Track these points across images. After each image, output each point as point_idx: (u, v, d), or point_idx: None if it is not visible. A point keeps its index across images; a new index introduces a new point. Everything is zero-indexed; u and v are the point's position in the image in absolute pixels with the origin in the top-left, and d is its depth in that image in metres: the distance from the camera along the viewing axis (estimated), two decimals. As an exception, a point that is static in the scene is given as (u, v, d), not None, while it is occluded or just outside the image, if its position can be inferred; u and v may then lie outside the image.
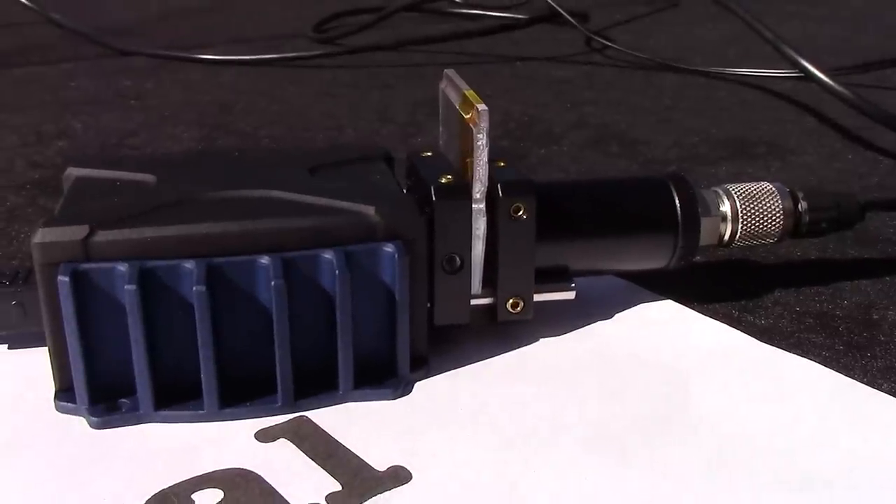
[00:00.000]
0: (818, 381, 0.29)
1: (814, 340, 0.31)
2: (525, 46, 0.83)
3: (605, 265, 0.32)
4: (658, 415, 0.27)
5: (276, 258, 0.26)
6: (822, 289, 0.35)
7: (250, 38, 0.87)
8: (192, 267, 0.26)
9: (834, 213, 0.33)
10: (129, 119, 0.59)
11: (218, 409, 0.27)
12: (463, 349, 0.31)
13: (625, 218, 0.31)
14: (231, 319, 0.27)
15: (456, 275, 0.29)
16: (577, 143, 0.54)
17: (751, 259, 0.38)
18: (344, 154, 0.32)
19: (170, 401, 0.27)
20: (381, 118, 0.60)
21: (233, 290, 0.26)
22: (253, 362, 0.27)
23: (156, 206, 0.27)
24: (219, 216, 0.27)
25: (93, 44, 0.82)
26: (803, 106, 0.63)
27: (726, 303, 0.34)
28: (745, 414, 0.27)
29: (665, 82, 0.70)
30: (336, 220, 0.27)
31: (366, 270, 0.27)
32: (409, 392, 0.28)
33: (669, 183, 0.32)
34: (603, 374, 0.29)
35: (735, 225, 0.33)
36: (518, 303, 0.30)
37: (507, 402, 0.28)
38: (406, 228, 0.28)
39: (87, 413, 0.27)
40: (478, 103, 0.29)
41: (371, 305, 0.28)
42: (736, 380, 0.29)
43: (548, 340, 0.31)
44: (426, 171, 0.30)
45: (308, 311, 0.27)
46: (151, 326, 0.26)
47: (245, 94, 0.66)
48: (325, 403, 0.28)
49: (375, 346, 0.28)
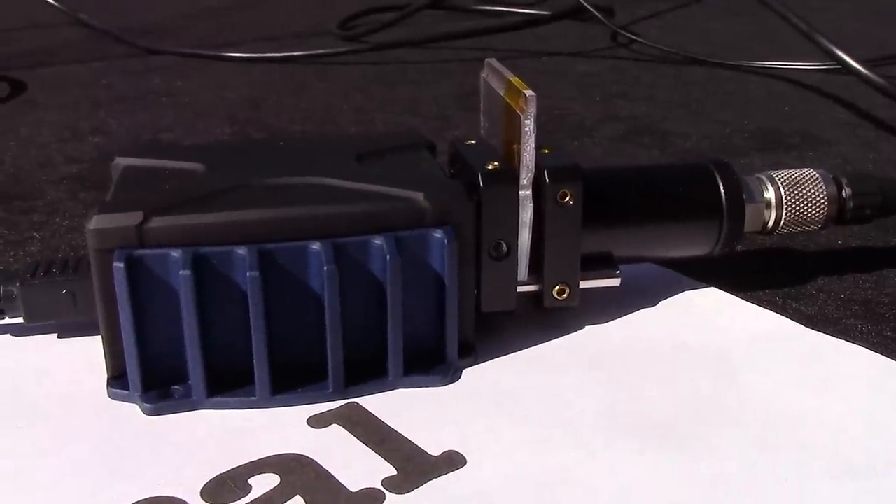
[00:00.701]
0: (868, 367, 0.29)
1: (861, 327, 0.31)
2: (550, 42, 0.83)
3: (650, 252, 0.32)
4: (707, 403, 0.27)
5: (327, 244, 0.26)
6: (867, 276, 0.35)
7: (276, 36, 0.87)
8: (244, 253, 0.26)
9: (879, 198, 0.33)
10: (162, 115, 0.60)
11: (270, 395, 0.27)
12: (509, 336, 0.31)
13: (670, 204, 0.31)
14: (283, 305, 0.27)
15: (503, 261, 0.29)
16: (608, 135, 0.54)
17: (791, 247, 0.38)
18: (388, 142, 0.33)
19: (222, 387, 0.27)
20: (410, 112, 0.60)
21: (284, 275, 0.26)
22: (304, 348, 0.27)
23: (207, 193, 0.28)
24: (270, 202, 0.27)
25: (120, 43, 0.83)
26: (834, 97, 0.62)
27: (769, 290, 0.34)
28: (795, 401, 0.27)
29: (693, 76, 0.70)
30: (385, 206, 0.27)
31: (415, 256, 0.27)
32: (458, 378, 0.28)
33: (713, 169, 0.32)
34: (650, 362, 0.29)
35: (779, 211, 0.33)
36: (564, 289, 0.30)
37: (556, 389, 0.28)
38: (455, 214, 0.28)
39: (140, 400, 0.27)
40: (525, 90, 0.29)
41: (420, 291, 0.28)
42: (784, 367, 0.29)
43: (593, 328, 0.31)
44: (472, 158, 0.30)
45: (358, 297, 0.27)
46: (204, 313, 0.26)
47: (274, 90, 0.66)
48: (376, 390, 0.28)
49: (424, 333, 0.28)
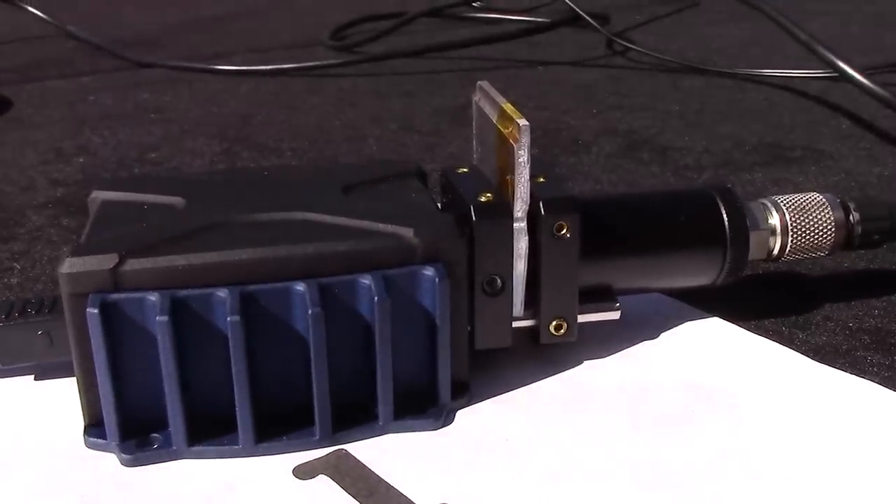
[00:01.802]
0: (879, 404, 0.27)
1: (871, 359, 0.30)
2: (546, 50, 0.82)
3: (651, 283, 0.31)
4: (712, 446, 0.26)
5: (312, 284, 0.25)
6: (875, 302, 0.34)
7: (268, 48, 0.86)
8: (225, 296, 0.25)
9: (888, 223, 0.32)
10: (149, 133, 0.59)
11: (254, 443, 0.26)
12: (504, 374, 0.29)
13: (671, 234, 0.30)
14: (266, 349, 0.25)
15: (497, 297, 0.28)
16: (606, 150, 0.53)
17: (797, 272, 0.37)
18: (377, 171, 0.31)
19: (204, 435, 0.26)
20: (403, 127, 0.59)
21: (268, 318, 0.25)
22: (289, 394, 0.26)
23: (186, 232, 0.26)
24: (252, 241, 0.26)
25: (110, 56, 0.81)
26: (835, 107, 0.61)
27: (775, 319, 0.33)
28: (805, 440, 0.26)
29: (691, 84, 0.69)
30: (373, 243, 0.26)
31: (405, 295, 0.26)
32: (452, 421, 0.27)
33: (716, 195, 0.31)
34: (651, 400, 0.28)
35: (785, 238, 0.31)
36: (561, 325, 0.29)
37: (554, 431, 0.27)
38: (446, 250, 0.26)
39: (118, 449, 0.26)
40: (518, 118, 0.28)
41: (411, 331, 0.27)
42: (793, 404, 0.28)
43: (592, 363, 0.30)
44: (464, 189, 0.29)
45: (346, 339, 0.26)
46: (184, 358, 0.25)
47: (265, 105, 0.65)
48: (365, 436, 0.26)
49: (415, 374, 0.27)
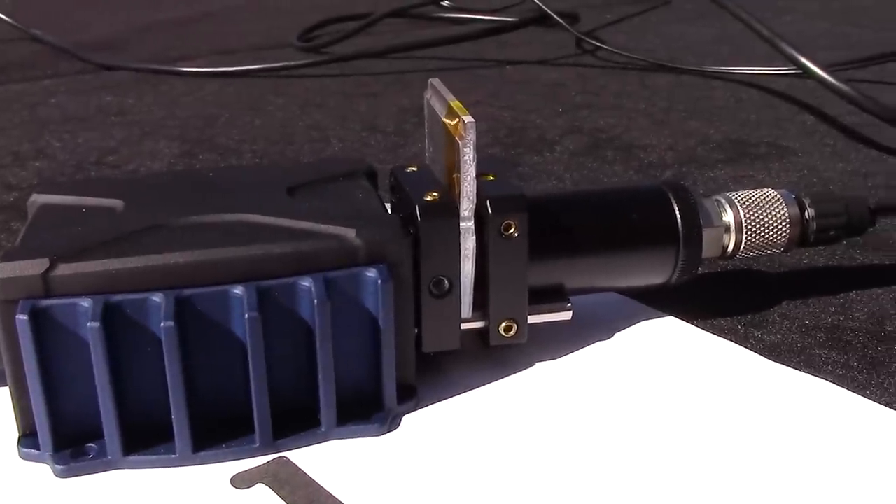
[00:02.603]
0: (833, 403, 0.27)
1: (826, 357, 0.30)
2: (515, 50, 0.82)
3: (603, 283, 0.30)
4: (664, 446, 0.25)
5: (250, 288, 0.24)
6: (832, 299, 0.33)
7: (235, 49, 0.85)
8: (160, 300, 0.24)
9: (843, 219, 0.32)
10: (110, 136, 0.58)
11: (191, 452, 0.25)
12: (453, 376, 0.29)
13: (623, 232, 0.30)
14: (203, 355, 0.25)
15: (444, 298, 0.28)
16: (571, 149, 0.53)
17: (755, 269, 0.36)
18: (325, 171, 0.31)
19: (140, 445, 0.25)
20: (368, 128, 0.58)
21: (204, 323, 0.25)
22: (228, 400, 0.25)
23: (122, 235, 0.26)
24: (189, 244, 0.25)
25: (74, 59, 0.80)
26: (801, 103, 0.61)
27: (731, 317, 0.32)
28: (759, 440, 0.25)
29: (659, 83, 0.68)
30: (314, 245, 0.25)
31: (347, 297, 0.25)
32: (397, 426, 0.27)
33: (668, 192, 0.30)
34: (603, 401, 0.28)
35: (739, 235, 0.31)
36: (511, 326, 0.29)
37: (503, 434, 0.26)
38: (390, 251, 0.26)
39: (52, 460, 0.25)
40: (463, 115, 0.27)
41: (354, 334, 0.26)
42: (747, 404, 0.27)
43: (543, 365, 0.29)
44: (411, 188, 0.28)
45: (286, 343, 0.25)
46: (118, 365, 0.24)
47: (229, 107, 0.64)
48: (307, 442, 0.26)
49: (360, 378, 0.26)
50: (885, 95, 0.60)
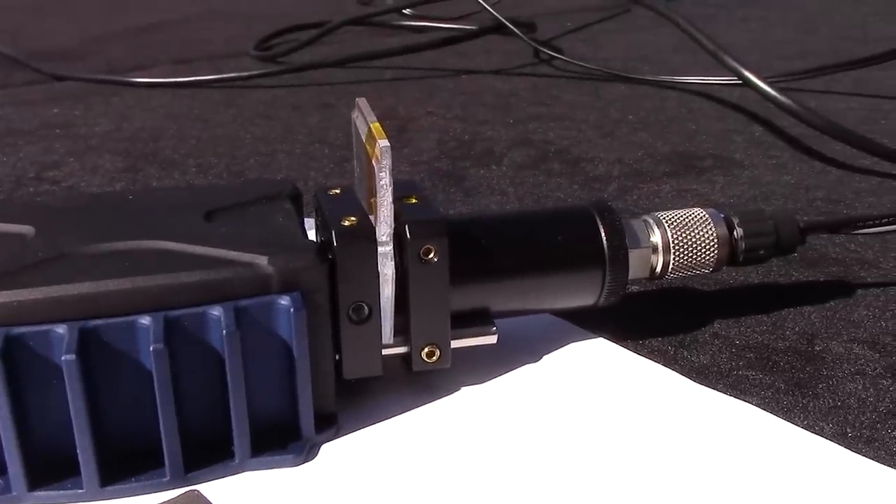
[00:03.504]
0: (756, 427, 0.27)
1: (753, 378, 0.29)
2: (472, 59, 0.81)
3: (529, 305, 0.30)
4: (589, 470, 0.25)
5: (157, 318, 0.24)
6: (764, 318, 0.33)
7: (191, 59, 0.85)
8: (63, 332, 0.23)
9: (773, 238, 0.32)
10: (52, 150, 0.57)
11: (99, 486, 0.24)
12: (376, 403, 0.28)
13: (547, 254, 0.29)
14: (110, 387, 0.24)
15: (364, 324, 0.27)
16: (518, 162, 0.52)
17: (689, 286, 0.36)
18: (247, 194, 0.30)
19: (46, 479, 0.24)
20: (317, 141, 0.58)
21: (110, 355, 0.24)
22: (137, 433, 0.25)
23: (28, 265, 0.25)
24: (96, 273, 0.25)
25: (25, 69, 0.79)
26: (751, 114, 0.61)
27: (662, 338, 0.32)
28: (679, 465, 0.25)
29: (613, 93, 0.68)
30: (225, 273, 0.25)
31: (259, 326, 0.25)
32: (315, 455, 0.26)
33: (594, 213, 0.30)
34: (529, 426, 0.27)
35: (667, 256, 0.31)
36: (434, 351, 0.28)
37: (425, 462, 0.26)
38: (303, 278, 0.25)
39: (-47, 496, 0.24)
40: (380, 139, 0.27)
41: (268, 363, 0.25)
42: (671, 428, 0.27)
43: (469, 389, 0.29)
44: (330, 212, 0.28)
45: (197, 374, 0.25)
46: (21, 399, 0.24)
47: (178, 119, 0.64)
48: (220, 474, 0.25)
49: (275, 407, 0.26)
50: (831, 106, 0.61)
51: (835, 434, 0.26)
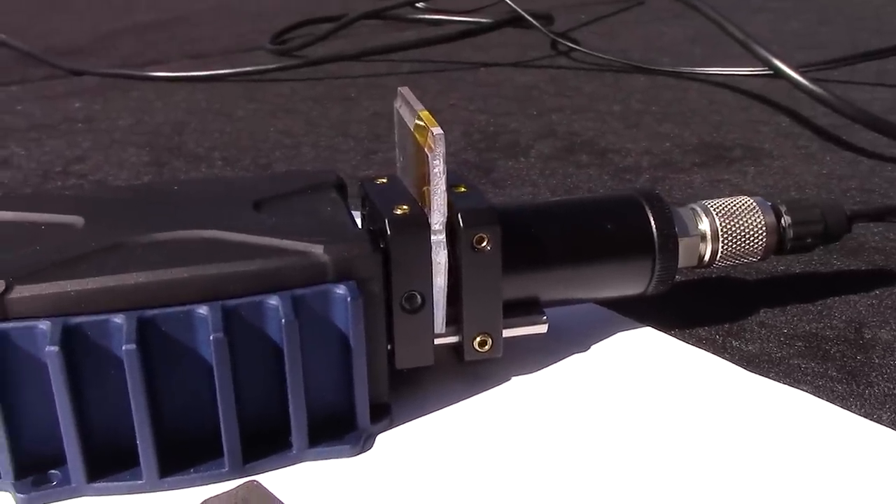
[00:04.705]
0: (813, 416, 0.27)
1: (805, 367, 0.29)
2: (489, 52, 0.81)
3: (578, 294, 0.30)
4: (644, 459, 0.25)
5: (215, 308, 0.24)
6: (810, 307, 0.33)
7: (206, 54, 0.84)
8: (121, 321, 0.23)
9: (820, 227, 0.31)
10: (76, 144, 0.57)
11: (158, 477, 0.24)
12: (428, 393, 0.28)
13: (597, 243, 0.29)
14: (168, 377, 0.24)
15: (417, 313, 0.27)
16: (545, 153, 0.52)
17: (731, 276, 0.36)
18: (292, 184, 0.30)
19: (105, 470, 0.24)
20: (340, 133, 0.57)
21: (169, 344, 0.24)
22: (196, 423, 0.25)
23: (82, 254, 0.25)
24: (151, 263, 0.24)
25: (42, 65, 0.79)
26: (775, 105, 0.61)
27: (709, 327, 0.32)
28: (737, 453, 0.25)
29: (633, 84, 0.68)
30: (281, 262, 0.25)
31: (316, 315, 0.25)
32: (371, 446, 0.26)
33: (643, 202, 0.30)
34: (581, 417, 0.27)
35: (715, 244, 0.31)
36: (486, 340, 0.28)
37: (480, 452, 0.26)
38: (359, 267, 0.25)
39: (13, 488, 0.24)
40: (432, 126, 0.26)
41: (324, 353, 0.25)
42: (726, 417, 0.27)
43: (519, 380, 0.29)
44: (381, 201, 0.28)
45: (255, 364, 0.25)
46: (79, 389, 0.23)
47: (199, 113, 0.63)
48: (278, 465, 0.25)
49: (331, 398, 0.26)
50: (855, 96, 0.60)
51: (893, 422, 0.26)
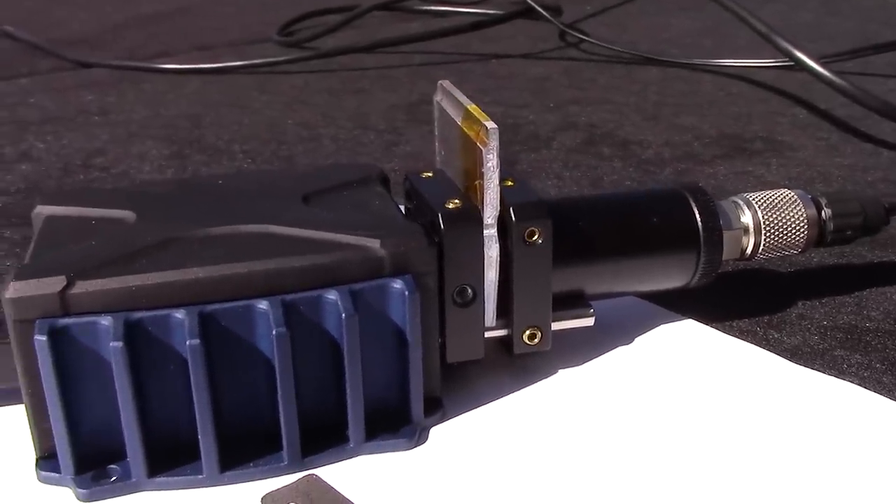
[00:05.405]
0: (860, 406, 0.27)
1: (849, 358, 0.30)
2: (499, 43, 0.81)
3: (624, 287, 0.30)
4: (696, 452, 0.25)
5: (275, 302, 0.24)
6: (846, 298, 0.33)
7: (214, 45, 0.84)
8: (183, 317, 0.23)
9: (860, 219, 0.32)
10: (94, 137, 0.56)
11: (219, 472, 0.24)
12: (476, 386, 0.28)
13: (644, 236, 0.29)
14: (229, 372, 0.24)
15: (468, 307, 0.27)
16: (566, 145, 0.52)
17: (766, 268, 0.36)
18: (337, 177, 0.30)
19: (165, 465, 0.24)
20: (359, 126, 0.57)
21: (229, 339, 0.24)
22: (254, 417, 0.25)
23: (138, 249, 0.25)
24: (209, 258, 0.24)
25: (49, 56, 0.79)
26: (790, 96, 0.61)
27: (748, 319, 0.32)
28: (787, 444, 0.25)
29: (647, 76, 0.68)
30: (339, 256, 0.25)
31: (373, 310, 0.25)
32: (426, 440, 0.26)
33: (688, 195, 0.30)
34: (628, 408, 0.27)
35: (758, 237, 0.31)
36: (535, 333, 0.28)
37: (532, 445, 0.26)
38: (415, 261, 0.25)
39: (74, 483, 0.24)
40: (485, 121, 0.26)
41: (380, 347, 0.25)
42: (773, 409, 0.27)
43: (566, 372, 0.29)
44: (431, 195, 0.28)
45: (312, 358, 0.25)
46: (141, 384, 0.24)
47: (213, 105, 0.63)
48: (336, 459, 0.25)
49: (386, 391, 0.26)
50: (875, 87, 0.61)
51: (940, 412, 0.27)
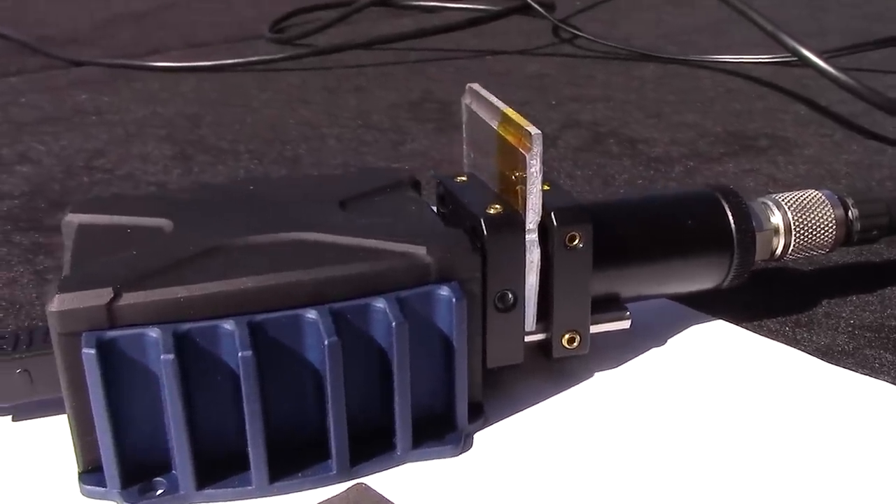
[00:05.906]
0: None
1: (880, 357, 0.30)
2: (493, 39, 0.81)
3: (659, 290, 0.30)
4: (733, 453, 0.25)
5: (324, 312, 0.24)
6: (870, 297, 0.34)
7: (205, 42, 0.83)
8: (232, 328, 0.23)
9: (885, 219, 0.32)
10: (93, 137, 0.56)
11: (268, 482, 0.24)
12: (515, 391, 0.28)
13: (678, 239, 0.29)
14: (277, 382, 0.24)
15: (509, 312, 0.27)
16: (573, 144, 0.52)
17: (789, 268, 0.36)
18: (369, 182, 0.30)
19: (213, 477, 0.24)
20: (362, 125, 0.57)
21: (277, 349, 0.24)
22: (302, 427, 0.25)
23: (181, 259, 0.25)
24: (255, 267, 0.24)
25: (38, 55, 0.77)
26: (790, 93, 0.61)
27: (776, 318, 0.32)
28: (824, 445, 0.25)
29: (644, 73, 0.68)
30: (385, 264, 0.25)
31: (420, 317, 0.25)
32: (471, 446, 0.26)
33: (720, 197, 0.30)
34: (667, 409, 0.27)
35: (788, 238, 0.31)
36: (574, 337, 0.28)
37: (575, 448, 0.26)
38: (461, 267, 0.25)
39: (120, 497, 0.24)
40: (527, 126, 0.26)
41: (426, 354, 0.25)
42: (813, 410, 0.27)
43: (603, 375, 0.29)
44: (470, 200, 0.28)
45: (360, 366, 0.24)
46: (189, 396, 0.23)
47: (211, 104, 0.63)
48: (383, 467, 0.25)
49: (432, 398, 0.26)
50: (872, 83, 0.61)
51: (976, 411, 0.27)
